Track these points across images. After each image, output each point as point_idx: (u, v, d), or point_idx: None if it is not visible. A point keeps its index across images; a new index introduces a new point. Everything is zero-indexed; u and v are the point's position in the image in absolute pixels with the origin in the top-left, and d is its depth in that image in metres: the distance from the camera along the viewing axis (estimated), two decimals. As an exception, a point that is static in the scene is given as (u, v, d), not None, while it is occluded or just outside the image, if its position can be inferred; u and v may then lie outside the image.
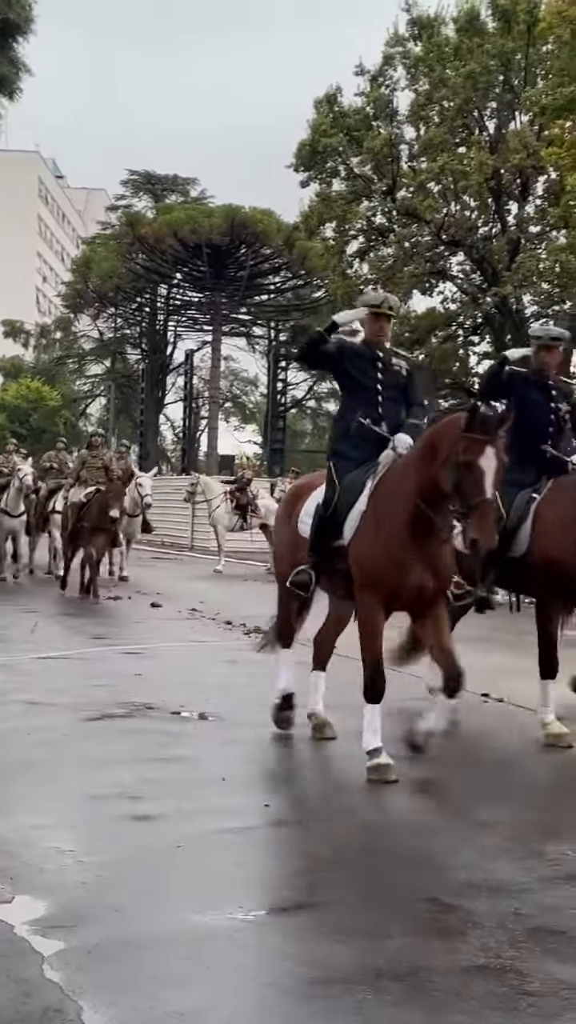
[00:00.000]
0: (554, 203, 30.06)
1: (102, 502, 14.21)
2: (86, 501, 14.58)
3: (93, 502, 14.44)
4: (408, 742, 5.66)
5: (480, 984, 3.19)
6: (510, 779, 5.61)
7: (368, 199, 32.77)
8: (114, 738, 6.23)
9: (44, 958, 3.26)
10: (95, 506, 14.32)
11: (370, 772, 5.38)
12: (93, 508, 14.34)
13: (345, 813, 4.86)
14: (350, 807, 4.96)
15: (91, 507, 14.41)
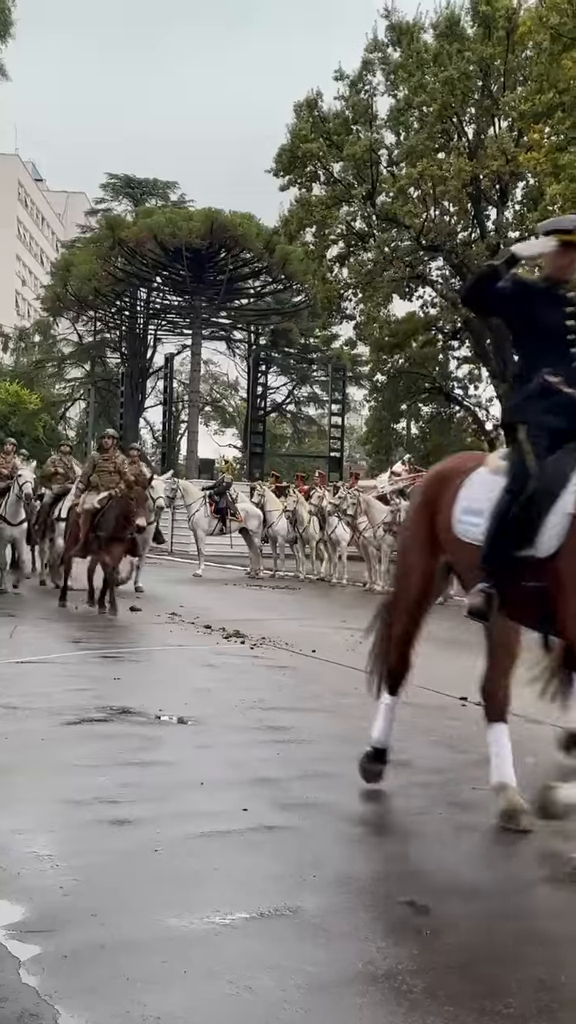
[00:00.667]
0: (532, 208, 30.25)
1: (123, 509, 13.15)
2: (100, 508, 13.52)
3: (109, 509, 13.41)
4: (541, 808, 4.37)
5: (457, 986, 3.20)
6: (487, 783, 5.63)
7: (348, 204, 32.89)
8: (92, 742, 6.22)
9: (21, 962, 3.25)
10: (111, 513, 13.31)
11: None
12: (109, 515, 13.30)
13: (323, 817, 4.87)
14: (329, 811, 4.96)
15: (107, 514, 13.37)
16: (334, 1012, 3.02)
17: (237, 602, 13.97)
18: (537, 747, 6.57)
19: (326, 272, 33.75)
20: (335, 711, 7.63)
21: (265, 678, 8.97)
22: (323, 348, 49.01)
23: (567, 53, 25.69)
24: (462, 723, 7.25)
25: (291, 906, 3.77)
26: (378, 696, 5.56)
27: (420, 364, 35.22)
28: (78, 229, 59.38)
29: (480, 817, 4.95)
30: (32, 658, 9.43)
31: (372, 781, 5.32)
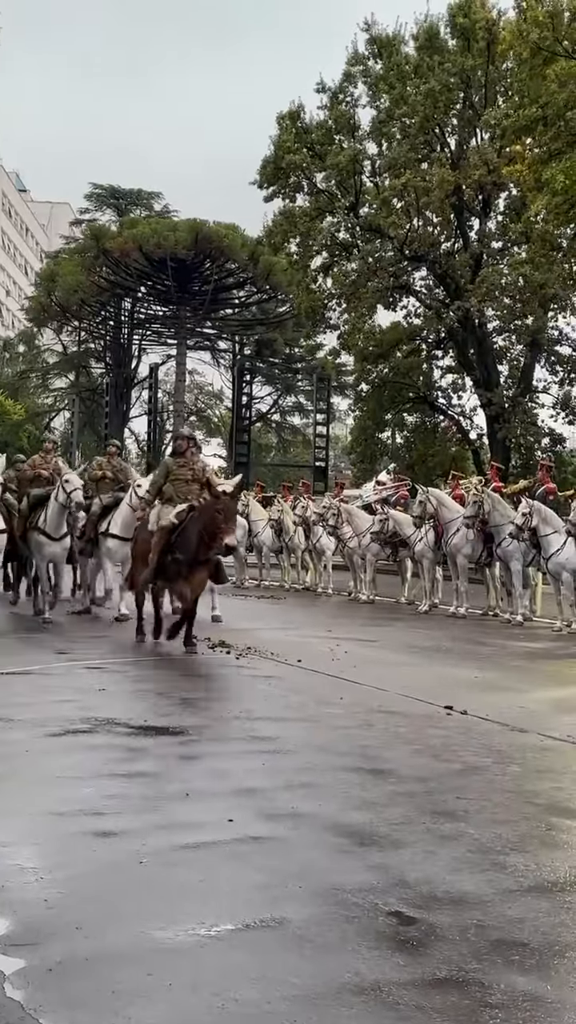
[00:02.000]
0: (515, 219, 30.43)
1: (209, 524, 10.56)
2: (178, 524, 11.01)
3: (189, 525, 10.90)
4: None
5: (443, 997, 3.20)
6: (473, 792, 5.63)
7: (332, 215, 33.00)
8: (77, 753, 6.19)
9: (5, 976, 3.23)
10: (193, 530, 10.77)
11: None
12: (190, 533, 10.80)
13: (308, 828, 4.86)
14: (314, 822, 4.95)
15: (186, 532, 10.87)
16: (321, 1023, 3.01)
17: (222, 612, 13.94)
18: (525, 756, 6.59)
19: (310, 282, 33.83)
20: (320, 721, 7.62)
21: (250, 688, 8.96)
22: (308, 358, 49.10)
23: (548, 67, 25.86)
24: (446, 732, 7.25)
25: (276, 917, 3.76)
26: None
27: (404, 374, 35.29)
28: (62, 240, 59.39)
29: (464, 826, 4.95)
30: (15, 669, 9.39)
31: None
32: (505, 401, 31.47)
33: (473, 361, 32.85)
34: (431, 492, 18.12)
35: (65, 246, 55.34)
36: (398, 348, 34.92)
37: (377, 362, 35.02)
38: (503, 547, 16.16)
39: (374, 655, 8.22)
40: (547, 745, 6.94)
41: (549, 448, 32.51)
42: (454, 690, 8.72)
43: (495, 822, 5.06)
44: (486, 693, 8.85)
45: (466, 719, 7.64)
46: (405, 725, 7.61)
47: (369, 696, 8.31)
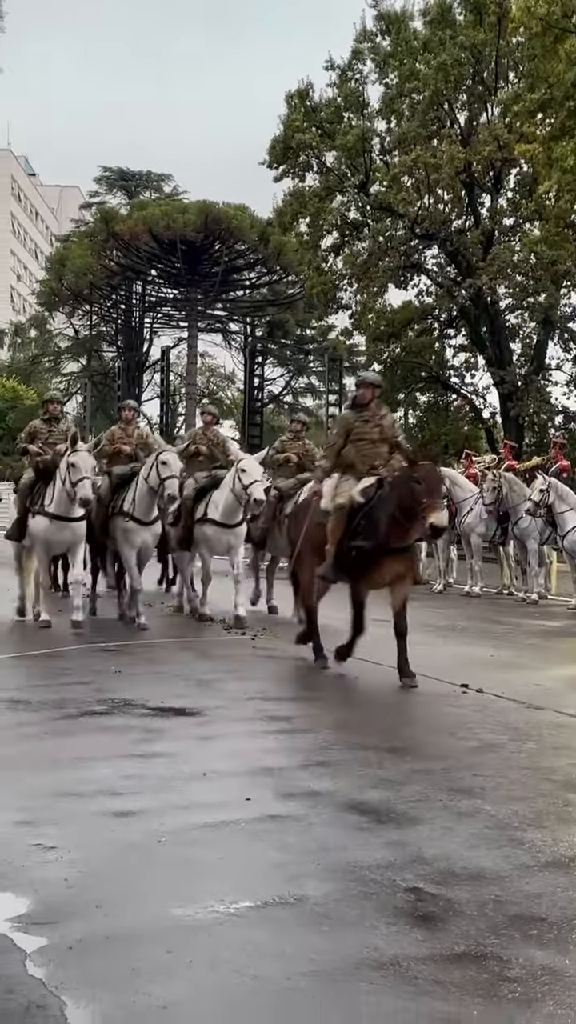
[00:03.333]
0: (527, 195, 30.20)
1: (406, 502, 8.10)
2: (365, 502, 8.37)
3: (380, 503, 8.31)
4: None
5: (462, 971, 3.21)
6: (489, 769, 5.64)
7: (342, 194, 32.82)
8: (94, 735, 6.22)
9: (27, 954, 3.26)
10: (386, 510, 8.23)
11: None
12: (381, 514, 8.24)
13: (326, 806, 4.87)
14: (331, 800, 4.97)
15: (376, 512, 8.28)
16: (340, 999, 3.03)
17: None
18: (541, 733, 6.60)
19: (321, 262, 33.69)
20: (335, 700, 7.64)
21: (266, 669, 8.98)
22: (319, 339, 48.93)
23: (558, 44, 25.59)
24: (462, 710, 7.26)
25: (295, 894, 3.78)
26: None
27: (416, 353, 35.15)
28: (72, 223, 59.24)
29: (481, 803, 4.96)
30: (33, 652, 9.44)
31: None
32: (518, 379, 31.33)
33: (485, 339, 32.70)
34: (444, 472, 18.05)
35: (75, 229, 55.19)
36: (410, 327, 34.75)
37: (389, 342, 34.87)
38: (520, 526, 16.12)
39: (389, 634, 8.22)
40: (563, 722, 6.94)
41: (562, 426, 32.38)
42: (469, 668, 8.73)
43: (512, 799, 5.07)
44: (501, 671, 8.85)
45: (482, 697, 7.64)
46: (421, 704, 7.63)
47: (384, 675, 8.31)
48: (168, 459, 11.08)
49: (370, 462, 8.67)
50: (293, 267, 39.66)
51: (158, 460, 11.09)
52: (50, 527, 10.88)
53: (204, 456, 12.74)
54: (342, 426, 9.11)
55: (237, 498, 11.60)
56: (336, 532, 8.50)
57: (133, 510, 11.31)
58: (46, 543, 11.04)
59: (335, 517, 8.56)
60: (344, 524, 8.44)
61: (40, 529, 10.95)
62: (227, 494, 11.75)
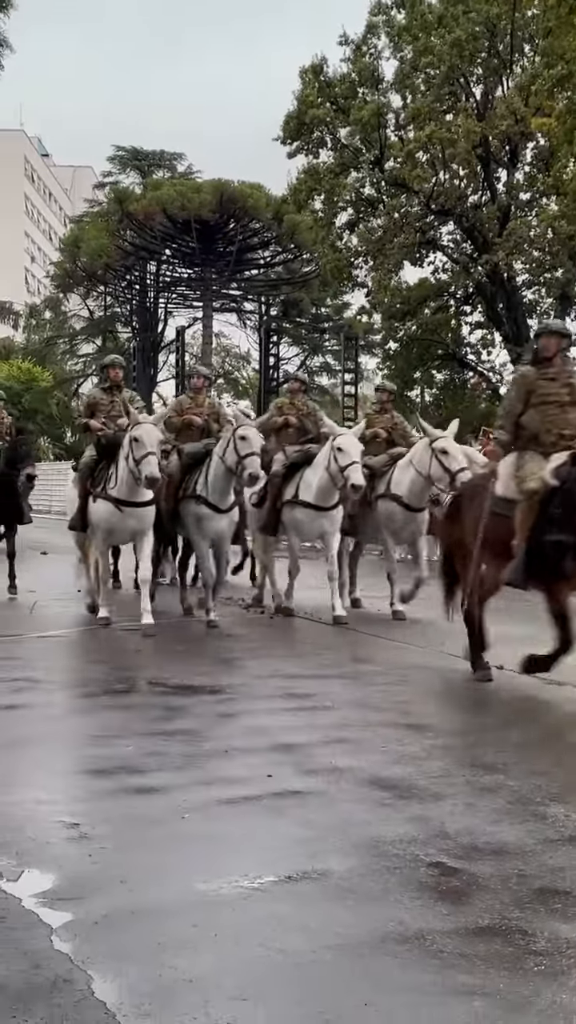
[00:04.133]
0: (543, 169, 29.93)
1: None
2: (559, 484, 6.72)
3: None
4: None
5: (487, 945, 3.21)
6: (511, 745, 5.64)
7: (356, 170, 32.60)
8: (116, 713, 6.25)
9: (52, 930, 3.28)
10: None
11: None
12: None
13: (348, 781, 4.88)
14: (352, 776, 4.97)
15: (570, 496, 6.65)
16: (366, 972, 3.03)
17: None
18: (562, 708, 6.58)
19: (335, 240, 33.51)
20: (357, 678, 7.64)
21: (286, 647, 8.99)
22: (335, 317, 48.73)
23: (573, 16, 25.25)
24: (483, 686, 7.25)
25: (319, 869, 3.78)
26: None
27: (432, 331, 34.97)
28: (86, 204, 59.05)
29: (503, 778, 4.96)
30: (54, 632, 9.48)
31: None
32: (535, 356, 31.09)
33: (502, 316, 32.50)
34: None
35: (89, 210, 55.04)
36: (426, 305, 34.55)
37: (405, 319, 34.70)
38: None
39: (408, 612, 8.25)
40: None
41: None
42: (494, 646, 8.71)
43: (534, 773, 5.07)
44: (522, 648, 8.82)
45: (502, 673, 7.62)
46: (441, 681, 7.62)
47: (405, 653, 8.32)
48: (248, 434, 9.62)
49: (558, 431, 7.02)
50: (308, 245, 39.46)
51: (236, 435, 9.60)
52: (113, 514, 9.60)
53: (293, 428, 11.14)
54: (521, 386, 7.24)
55: (333, 479, 10.25)
56: (526, 525, 6.80)
57: (207, 494, 9.88)
58: (108, 532, 9.83)
59: (524, 506, 6.84)
60: (536, 514, 6.76)
61: (102, 516, 9.69)
62: (321, 474, 10.34)
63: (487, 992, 2.92)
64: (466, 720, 6.26)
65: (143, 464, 9.06)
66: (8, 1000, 2.84)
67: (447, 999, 2.89)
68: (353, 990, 2.93)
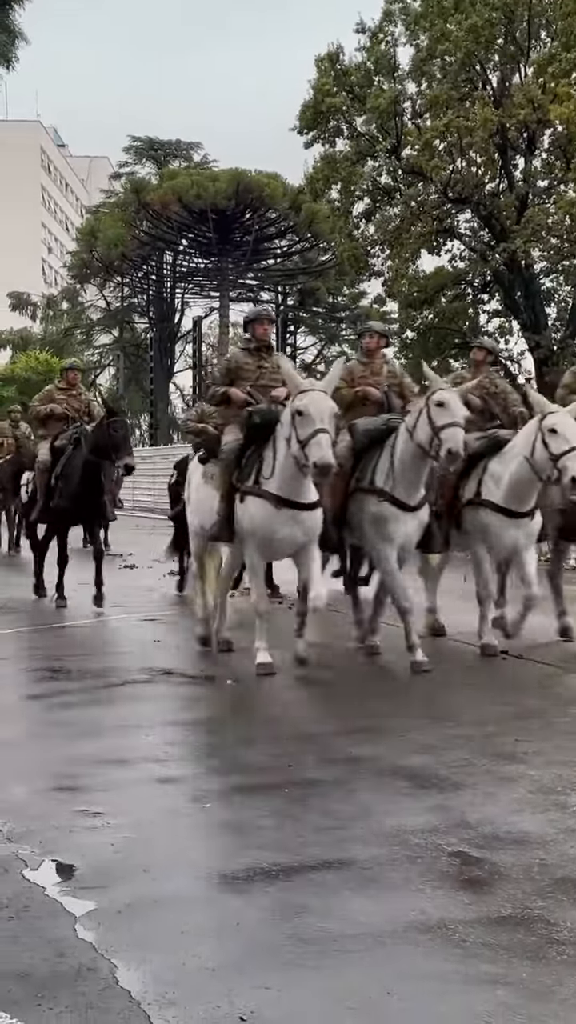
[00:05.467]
0: (561, 156, 29.73)
1: None
2: None
3: None
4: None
5: (508, 934, 3.21)
6: (531, 734, 5.63)
7: (373, 159, 32.46)
8: (137, 703, 6.28)
9: (76, 918, 3.30)
10: None
11: None
12: None
13: (367, 771, 4.89)
14: (372, 765, 4.98)
15: None
16: (389, 961, 3.04)
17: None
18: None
19: (352, 229, 33.39)
20: (376, 667, 7.64)
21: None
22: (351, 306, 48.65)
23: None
24: (503, 676, 7.24)
25: (340, 858, 3.79)
26: None
27: (450, 319, 34.82)
28: (102, 194, 59.09)
29: (524, 768, 4.95)
30: (74, 623, 9.52)
31: None
32: (553, 343, 30.98)
33: (520, 304, 32.32)
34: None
35: (105, 200, 55.09)
36: (443, 293, 34.40)
37: (422, 308, 34.55)
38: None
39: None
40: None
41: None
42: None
43: (554, 763, 5.06)
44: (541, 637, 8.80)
45: (522, 663, 7.61)
46: (460, 671, 7.61)
47: (424, 642, 8.30)
48: (446, 399, 7.22)
49: None
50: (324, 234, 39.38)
51: (431, 402, 7.24)
52: (272, 516, 7.02)
53: (476, 410, 8.27)
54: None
55: (537, 473, 7.57)
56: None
57: (391, 486, 7.44)
58: (265, 542, 7.17)
59: None
60: None
61: (257, 520, 7.07)
62: (519, 466, 7.69)
63: (510, 981, 2.92)
64: (485, 710, 6.24)
65: (311, 445, 6.63)
66: (33, 988, 2.87)
67: (470, 988, 2.90)
68: (376, 979, 2.94)
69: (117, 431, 10.06)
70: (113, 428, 10.05)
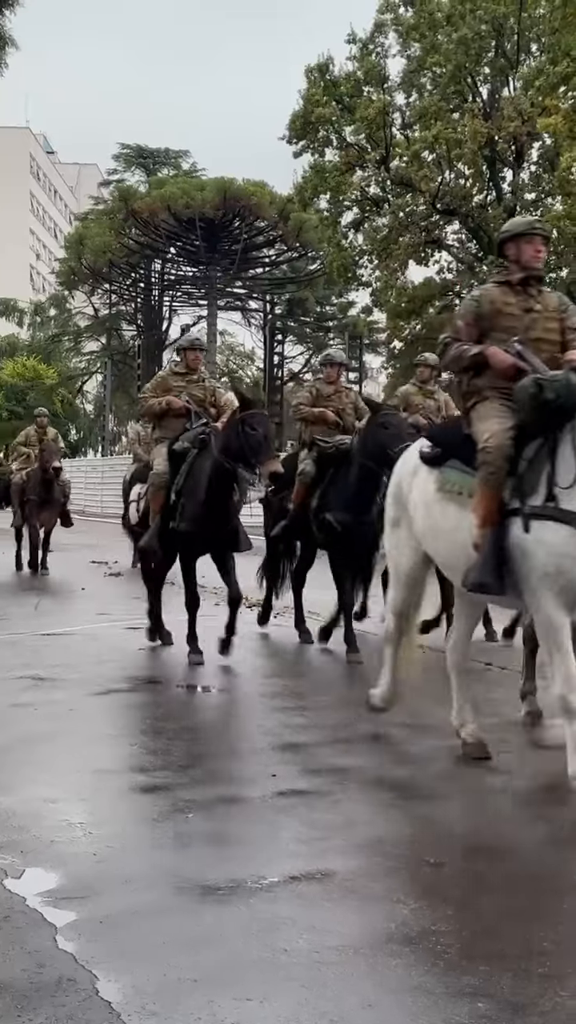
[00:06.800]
0: (549, 169, 29.91)
1: None
2: None
3: None
4: None
5: (491, 947, 3.21)
6: (514, 746, 5.64)
7: (362, 169, 32.58)
8: (120, 712, 6.26)
9: (57, 929, 3.28)
10: None
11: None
12: None
13: (351, 782, 4.88)
14: (356, 776, 4.98)
15: None
16: (370, 973, 3.04)
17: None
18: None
19: (341, 239, 33.50)
20: (360, 678, 7.63)
21: (289, 646, 8.98)
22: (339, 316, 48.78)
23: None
24: (485, 687, 7.24)
25: (322, 869, 3.79)
26: None
27: (438, 330, 34.82)
28: (91, 201, 59.13)
29: (507, 779, 4.96)
30: (57, 630, 9.49)
31: None
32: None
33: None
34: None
35: (94, 208, 55.12)
36: (431, 304, 34.55)
37: (410, 319, 34.70)
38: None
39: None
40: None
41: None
42: (493, 647, 8.71)
43: (538, 775, 5.07)
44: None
45: (505, 674, 7.62)
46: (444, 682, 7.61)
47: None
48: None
49: None
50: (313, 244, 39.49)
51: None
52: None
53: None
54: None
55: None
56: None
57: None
58: (565, 581, 4.71)
59: None
60: None
61: (556, 551, 4.68)
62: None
63: (491, 994, 2.92)
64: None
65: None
66: (13, 1000, 2.85)
67: (450, 1000, 2.89)
68: (357, 991, 2.94)
69: (256, 428, 7.44)
70: (251, 424, 7.45)
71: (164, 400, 8.37)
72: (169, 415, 8.37)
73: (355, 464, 8.12)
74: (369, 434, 8.07)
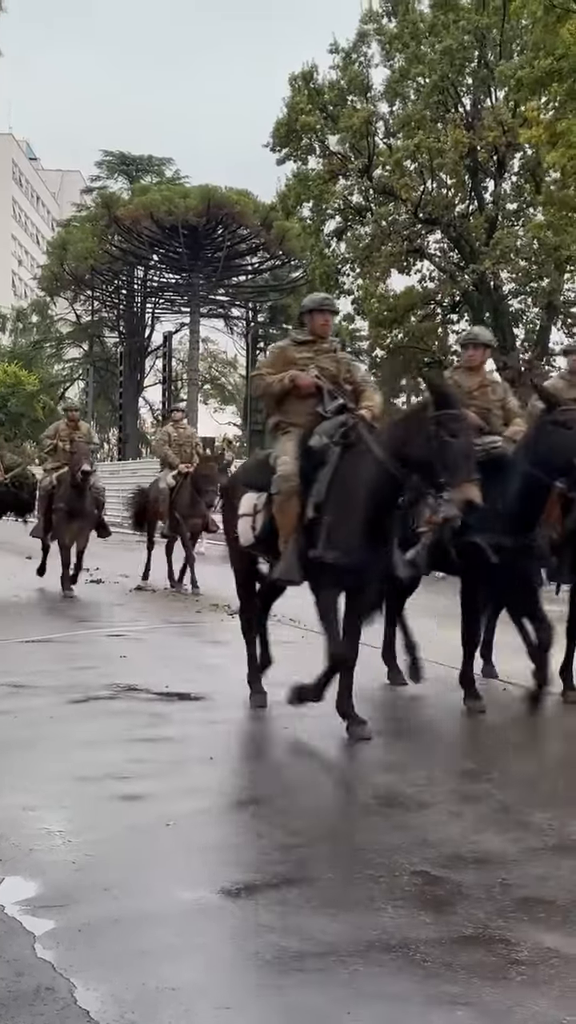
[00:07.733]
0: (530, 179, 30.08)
1: None
2: None
3: None
4: None
5: (470, 954, 3.22)
6: (496, 753, 5.65)
7: (345, 178, 32.69)
8: (101, 719, 6.23)
9: (35, 937, 3.26)
10: None
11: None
12: None
13: (332, 789, 4.89)
14: (337, 783, 4.98)
15: None
16: (351, 981, 3.03)
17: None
18: (548, 717, 6.60)
19: (324, 247, 33.60)
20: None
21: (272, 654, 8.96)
22: (322, 324, 48.75)
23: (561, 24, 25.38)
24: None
25: (303, 877, 3.78)
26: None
27: (419, 338, 35.06)
28: (74, 207, 59.02)
29: (487, 787, 4.97)
30: (37, 637, 9.45)
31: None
32: (521, 365, 31.26)
33: (488, 325, 32.60)
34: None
35: (76, 214, 55.02)
36: (413, 312, 34.66)
37: (392, 327, 34.79)
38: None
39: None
40: (569, 707, 6.95)
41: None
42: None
43: (518, 782, 5.09)
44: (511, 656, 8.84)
45: (489, 682, 7.64)
46: (427, 689, 7.62)
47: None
48: None
49: None
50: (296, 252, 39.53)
51: None
52: None
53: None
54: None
55: None
56: None
57: None
58: None
59: None
60: None
61: None
62: None
63: (470, 1001, 2.92)
64: (451, 729, 6.27)
65: None
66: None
67: (430, 1008, 2.89)
68: (336, 999, 2.93)
69: (457, 436, 5.59)
70: (449, 430, 5.58)
71: (287, 376, 6.39)
72: (292, 396, 6.42)
73: (518, 473, 6.45)
74: (541, 436, 6.50)
